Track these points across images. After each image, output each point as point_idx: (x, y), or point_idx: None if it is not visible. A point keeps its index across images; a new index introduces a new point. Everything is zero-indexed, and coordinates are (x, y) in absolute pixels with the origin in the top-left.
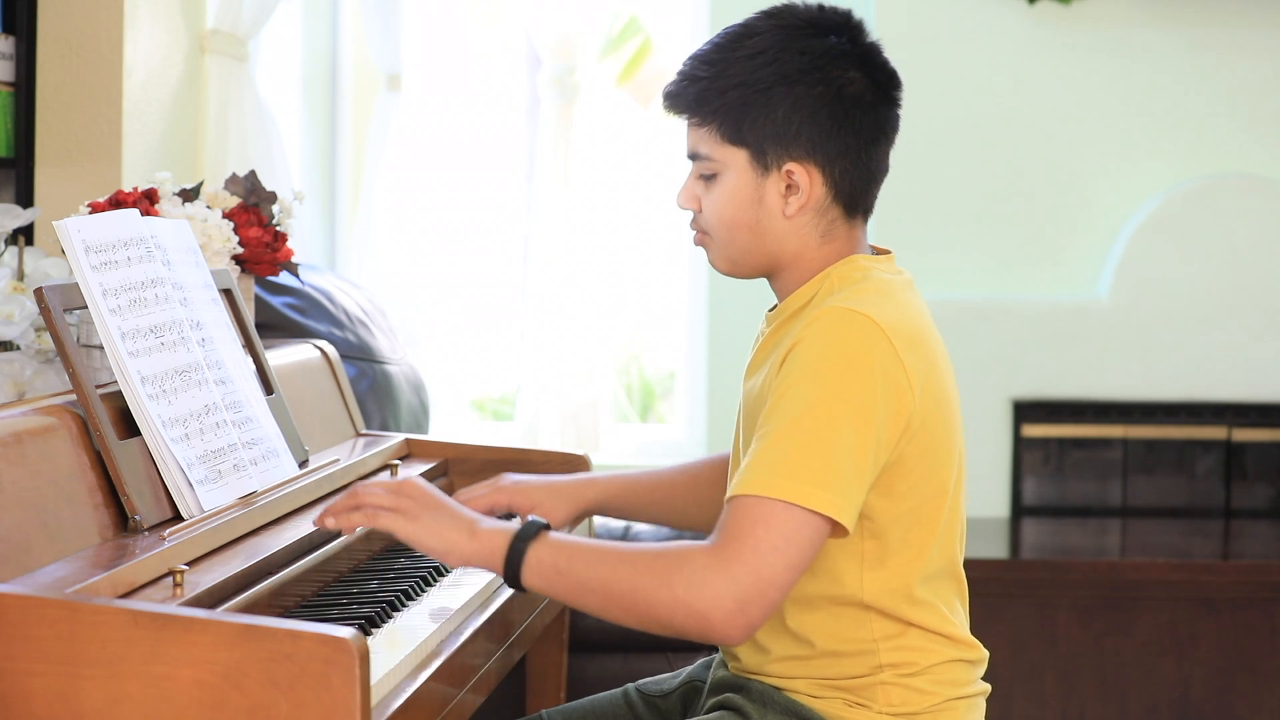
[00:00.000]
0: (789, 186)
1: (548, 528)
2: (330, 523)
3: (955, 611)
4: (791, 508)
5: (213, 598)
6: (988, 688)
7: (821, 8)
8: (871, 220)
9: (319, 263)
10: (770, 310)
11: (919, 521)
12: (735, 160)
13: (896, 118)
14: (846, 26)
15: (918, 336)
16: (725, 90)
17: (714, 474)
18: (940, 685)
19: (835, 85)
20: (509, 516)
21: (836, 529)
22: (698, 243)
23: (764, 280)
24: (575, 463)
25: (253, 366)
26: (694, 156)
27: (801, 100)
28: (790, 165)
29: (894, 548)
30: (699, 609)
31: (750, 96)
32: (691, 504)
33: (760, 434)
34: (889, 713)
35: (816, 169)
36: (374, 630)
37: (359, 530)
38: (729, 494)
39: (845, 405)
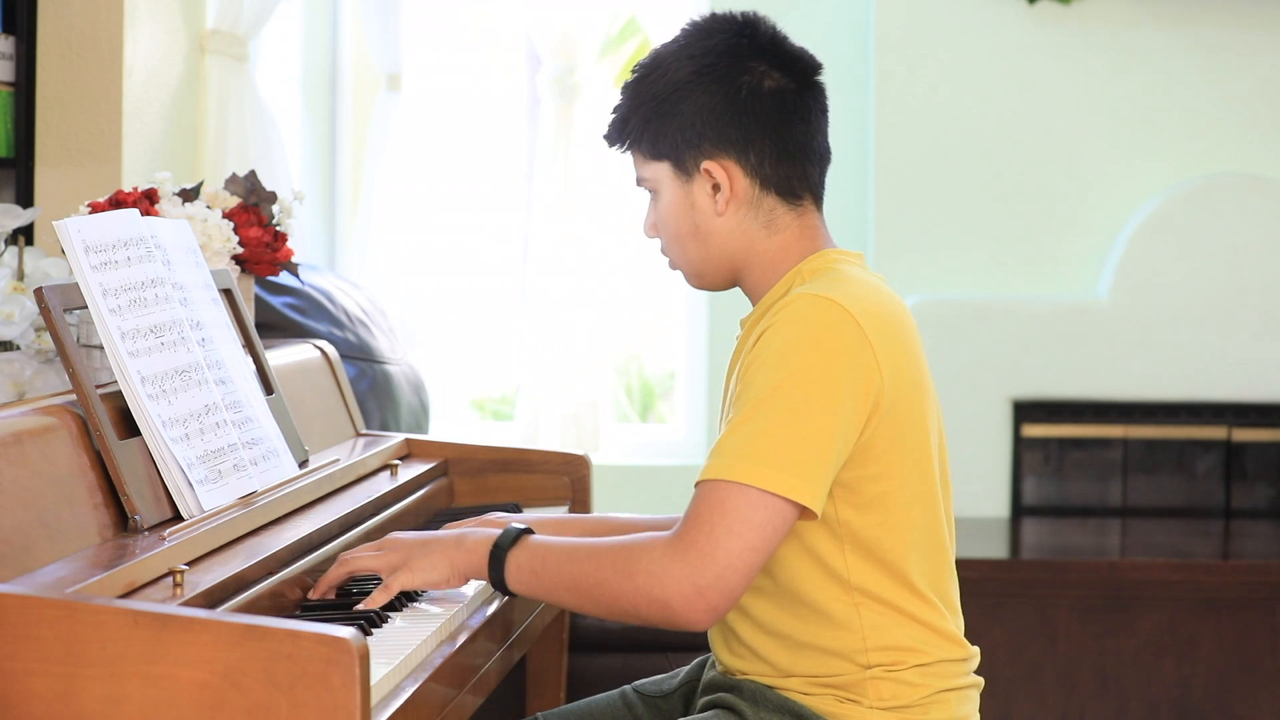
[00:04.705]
0: (714, 186)
1: (530, 532)
2: (332, 595)
3: (947, 604)
4: (748, 490)
5: (213, 598)
6: (980, 681)
7: (714, 14)
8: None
9: (319, 263)
10: (744, 318)
11: (898, 505)
12: (662, 174)
13: (812, 98)
14: (738, 23)
15: (887, 320)
16: (637, 109)
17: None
18: (929, 678)
19: (729, 79)
20: None
21: (804, 513)
22: (671, 267)
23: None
24: (575, 463)
25: (253, 366)
26: (638, 183)
27: (699, 100)
28: (706, 164)
29: (875, 531)
30: (659, 597)
31: (654, 110)
32: None
33: (727, 420)
34: (880, 706)
35: (731, 161)
36: (374, 630)
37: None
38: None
39: (809, 388)
